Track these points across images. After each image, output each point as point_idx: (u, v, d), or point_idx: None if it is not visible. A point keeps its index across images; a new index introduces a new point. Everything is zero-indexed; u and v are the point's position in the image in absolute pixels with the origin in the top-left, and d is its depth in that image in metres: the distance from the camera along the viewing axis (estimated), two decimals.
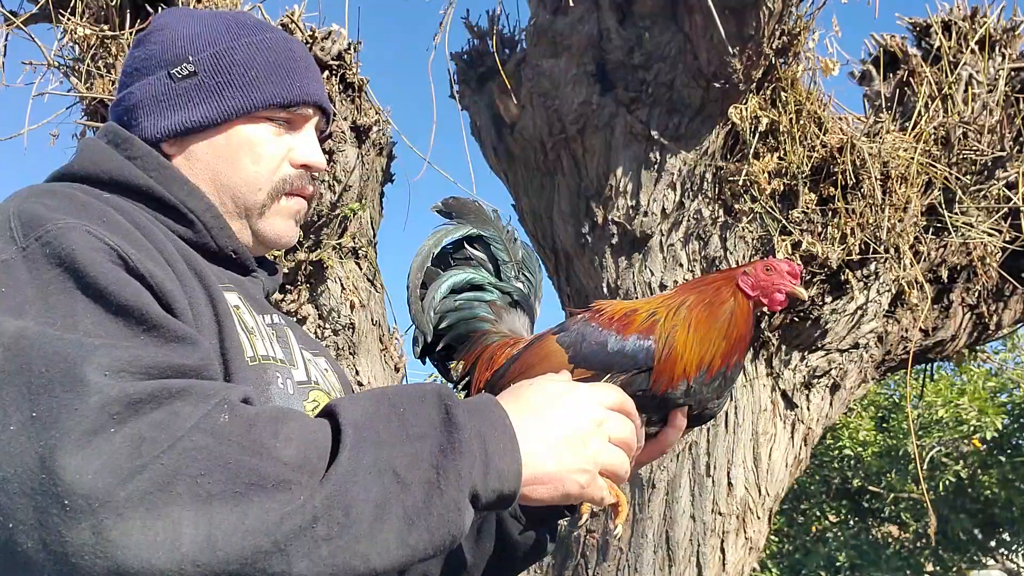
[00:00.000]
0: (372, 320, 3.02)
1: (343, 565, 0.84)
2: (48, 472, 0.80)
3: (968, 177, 3.20)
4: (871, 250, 2.97)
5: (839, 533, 8.91)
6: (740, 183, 2.91)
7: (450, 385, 1.46)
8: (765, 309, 1.29)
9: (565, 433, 1.01)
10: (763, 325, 3.01)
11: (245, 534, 0.81)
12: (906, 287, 3.07)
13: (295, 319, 2.68)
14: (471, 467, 0.91)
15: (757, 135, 2.93)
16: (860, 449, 8.67)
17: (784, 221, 2.92)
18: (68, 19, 2.77)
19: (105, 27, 2.81)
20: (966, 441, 8.20)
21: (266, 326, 1.21)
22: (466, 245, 1.50)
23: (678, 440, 1.29)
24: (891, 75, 3.35)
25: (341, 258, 3.09)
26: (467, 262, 1.49)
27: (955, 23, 3.31)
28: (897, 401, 8.94)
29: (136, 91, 1.25)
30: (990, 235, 3.20)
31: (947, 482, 8.32)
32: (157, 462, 0.81)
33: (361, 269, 3.15)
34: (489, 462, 0.93)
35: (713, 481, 2.95)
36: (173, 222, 1.17)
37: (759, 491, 3.01)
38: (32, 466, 0.81)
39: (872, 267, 3.05)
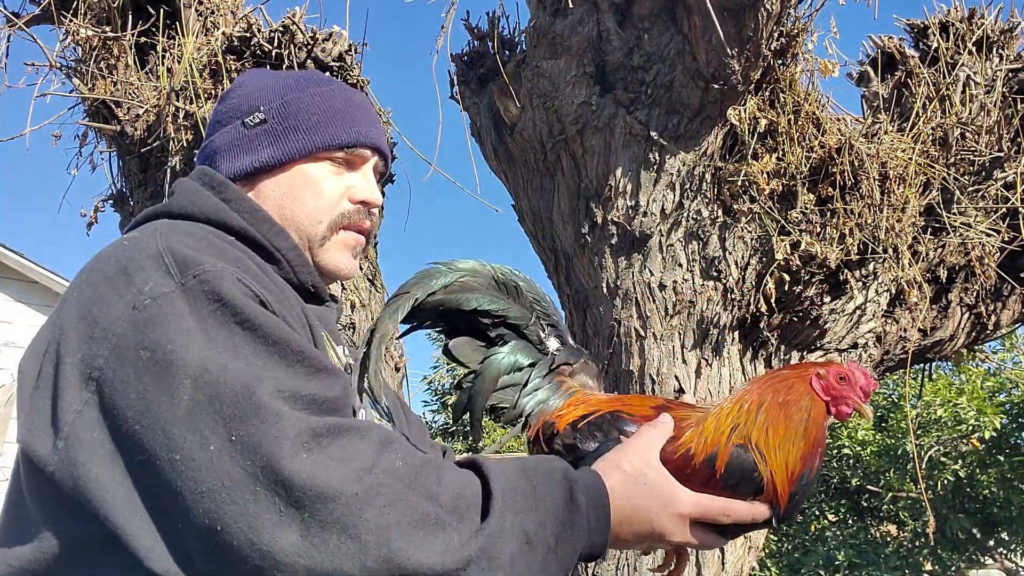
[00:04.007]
0: (372, 320, 3.03)
1: None
2: (267, 484, 0.96)
3: (966, 177, 3.21)
4: (870, 250, 2.98)
5: (838, 532, 8.92)
6: (739, 183, 2.92)
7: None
8: (831, 415, 1.28)
9: (646, 531, 1.23)
10: (761, 325, 3.02)
11: (417, 559, 0.98)
12: (905, 287, 3.08)
13: None
14: (580, 540, 1.14)
15: (756, 136, 2.95)
16: (859, 448, 8.68)
17: (783, 221, 2.93)
18: (70, 20, 2.78)
19: (107, 28, 2.82)
20: (965, 440, 8.21)
21: (344, 356, 1.36)
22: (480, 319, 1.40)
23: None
24: (889, 76, 3.36)
25: None
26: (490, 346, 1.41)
27: (953, 24, 3.32)
28: (896, 401, 8.96)
29: (217, 139, 1.40)
30: (988, 235, 3.22)
31: (946, 481, 8.33)
32: (352, 490, 0.98)
33: (361, 269, 3.16)
34: (590, 537, 1.16)
35: None
36: (262, 260, 1.28)
37: None
38: (243, 480, 0.97)
39: (871, 267, 3.06)
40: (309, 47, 2.89)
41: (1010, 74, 3.31)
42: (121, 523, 1.01)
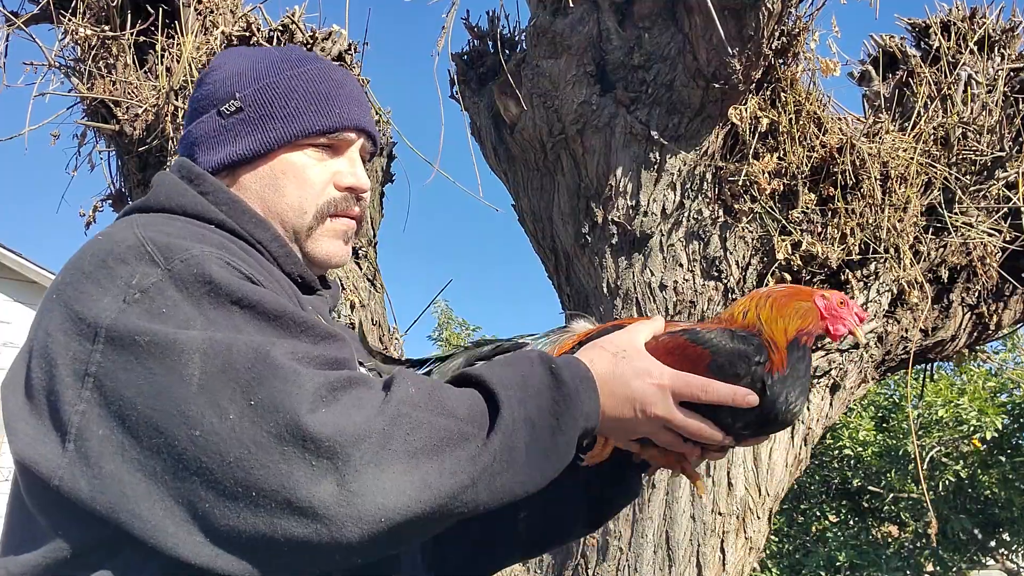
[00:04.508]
0: (372, 320, 3.03)
1: (509, 491, 1.07)
2: (294, 441, 0.96)
3: (968, 177, 3.20)
4: (871, 250, 2.97)
5: (839, 533, 8.91)
6: (740, 183, 2.91)
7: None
8: (827, 335, 1.35)
9: (625, 395, 1.22)
10: None
11: (449, 475, 1.01)
12: (906, 287, 3.07)
13: None
14: (576, 413, 1.15)
15: (757, 135, 2.94)
16: (860, 449, 8.67)
17: (784, 221, 2.93)
18: (69, 20, 2.77)
19: (106, 28, 2.82)
20: (966, 441, 8.20)
21: None
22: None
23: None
24: (890, 75, 3.35)
25: None
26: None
27: (954, 24, 3.31)
28: (897, 401, 8.95)
29: (194, 129, 1.36)
30: (990, 235, 3.21)
31: (947, 482, 8.32)
32: (376, 427, 0.99)
33: (361, 269, 3.15)
34: (585, 409, 1.16)
35: (713, 481, 2.95)
36: (246, 253, 1.25)
37: (759, 491, 3.01)
38: (268, 443, 0.96)
39: (872, 267, 3.05)
40: (309, 46, 2.88)
41: (1012, 73, 3.30)
42: (143, 516, 0.98)
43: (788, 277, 2.92)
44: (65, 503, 1.02)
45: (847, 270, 2.97)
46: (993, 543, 9.09)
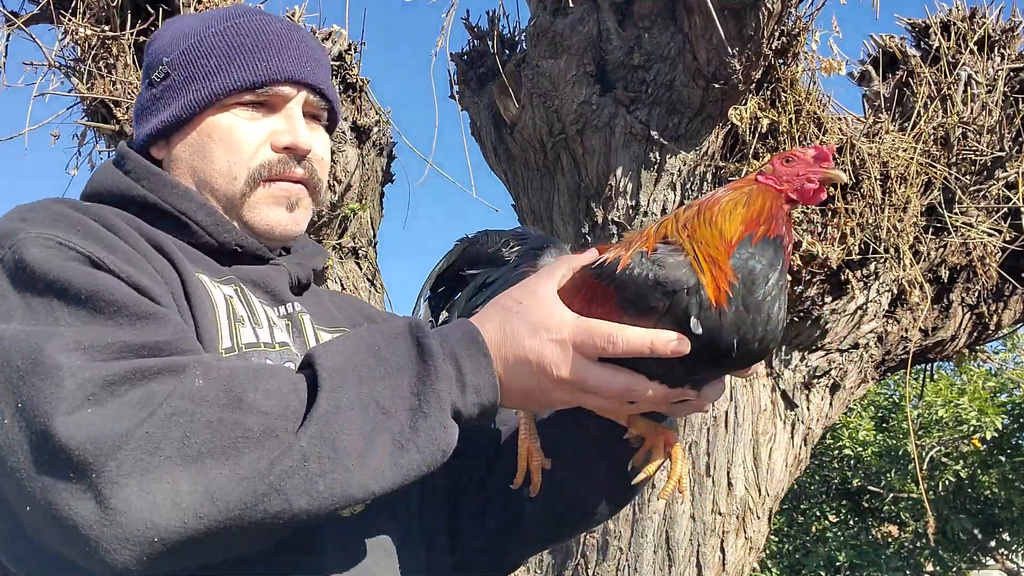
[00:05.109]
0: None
1: (342, 494, 0.90)
2: (46, 450, 0.85)
3: (968, 177, 3.20)
4: (871, 250, 2.97)
5: (839, 533, 8.91)
6: None
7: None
8: (802, 203, 1.06)
9: (519, 358, 1.00)
10: None
11: (240, 482, 0.86)
12: (906, 287, 3.07)
13: None
14: (448, 388, 0.96)
15: (757, 135, 2.94)
16: (860, 449, 8.67)
17: None
18: (69, 20, 2.77)
19: (106, 27, 2.81)
20: (966, 441, 8.20)
21: (279, 316, 1.20)
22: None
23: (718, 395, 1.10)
24: (890, 76, 3.35)
25: (341, 258, 3.10)
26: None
27: (954, 24, 3.32)
28: (897, 401, 8.94)
29: (135, 104, 1.28)
30: (990, 235, 3.21)
31: (947, 482, 8.32)
32: (140, 431, 0.86)
33: (361, 269, 3.15)
34: (465, 380, 0.97)
35: (713, 481, 2.95)
36: (171, 226, 1.17)
37: (759, 491, 3.01)
38: (29, 452, 0.86)
39: (872, 267, 3.05)
40: None
41: (1011, 73, 3.30)
42: None
43: (788, 277, 2.93)
44: None
45: (847, 270, 2.97)
46: (993, 543, 9.09)
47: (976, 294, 3.39)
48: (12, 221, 1.02)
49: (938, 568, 8.75)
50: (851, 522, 9.24)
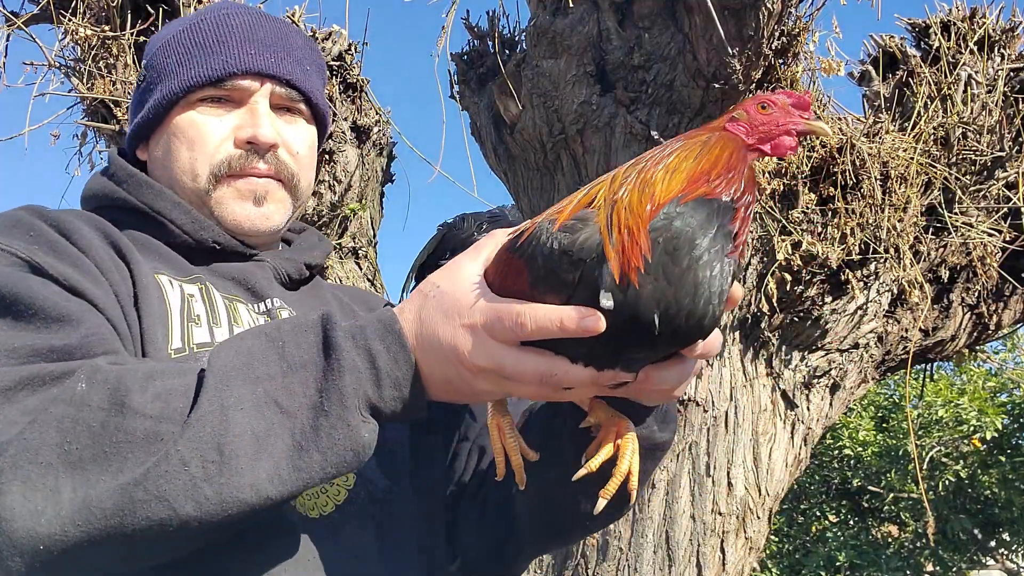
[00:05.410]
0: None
1: (232, 499, 0.85)
2: None
3: (968, 177, 3.20)
4: (871, 250, 2.97)
5: (839, 533, 8.91)
6: None
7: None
8: (773, 154, 0.94)
9: (435, 347, 0.93)
10: (763, 325, 3.01)
11: (117, 488, 0.83)
12: (906, 287, 3.07)
13: None
14: (356, 384, 0.90)
15: None
16: (860, 449, 8.67)
17: (784, 221, 2.92)
18: (69, 20, 2.77)
19: (106, 28, 2.81)
20: (966, 441, 8.20)
21: (258, 313, 1.19)
22: None
23: (690, 372, 0.97)
24: (890, 75, 3.35)
25: (341, 258, 3.10)
26: None
27: (954, 24, 3.32)
28: (897, 401, 8.95)
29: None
30: (990, 235, 3.21)
31: (947, 482, 8.32)
32: (20, 438, 0.84)
33: (361, 269, 3.15)
34: (380, 373, 0.91)
35: (713, 481, 2.95)
36: (149, 226, 1.18)
37: (759, 491, 3.01)
38: None
39: (872, 267, 3.05)
40: None
41: (1011, 73, 3.30)
42: None
43: (788, 277, 2.92)
44: None
45: (847, 270, 2.97)
46: (993, 543, 9.09)
47: (976, 294, 3.39)
48: None
49: (938, 568, 8.75)
50: (851, 522, 9.25)
